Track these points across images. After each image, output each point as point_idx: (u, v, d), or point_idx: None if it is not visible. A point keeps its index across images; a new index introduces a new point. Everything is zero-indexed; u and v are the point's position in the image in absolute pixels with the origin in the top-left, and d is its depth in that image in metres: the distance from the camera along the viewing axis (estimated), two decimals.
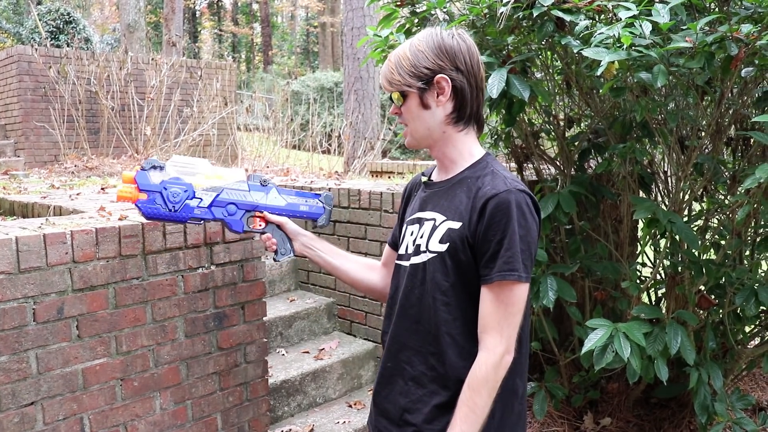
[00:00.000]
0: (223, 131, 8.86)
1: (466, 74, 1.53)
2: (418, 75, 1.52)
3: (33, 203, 3.21)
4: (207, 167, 1.81)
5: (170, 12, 14.93)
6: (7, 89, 8.13)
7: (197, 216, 1.77)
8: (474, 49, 1.56)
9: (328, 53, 32.81)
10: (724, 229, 3.16)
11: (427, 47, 1.53)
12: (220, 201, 1.79)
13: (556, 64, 3.29)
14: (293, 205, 1.90)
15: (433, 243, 1.54)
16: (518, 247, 1.42)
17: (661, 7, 2.24)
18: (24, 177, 5.84)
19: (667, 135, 2.97)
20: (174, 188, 1.72)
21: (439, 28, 1.57)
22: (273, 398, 3.08)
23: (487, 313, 1.46)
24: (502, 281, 1.43)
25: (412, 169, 6.66)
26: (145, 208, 1.70)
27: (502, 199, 1.44)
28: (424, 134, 1.58)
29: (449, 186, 1.58)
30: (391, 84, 1.57)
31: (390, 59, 1.58)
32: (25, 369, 2.04)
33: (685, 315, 2.82)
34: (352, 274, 1.87)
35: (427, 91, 1.53)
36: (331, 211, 1.99)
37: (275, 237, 1.86)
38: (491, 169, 1.54)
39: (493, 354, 1.44)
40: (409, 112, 1.57)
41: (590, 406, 3.57)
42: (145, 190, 1.70)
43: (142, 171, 1.71)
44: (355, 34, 10.08)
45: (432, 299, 1.54)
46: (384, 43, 3.25)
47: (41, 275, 2.05)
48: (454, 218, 1.52)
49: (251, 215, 1.84)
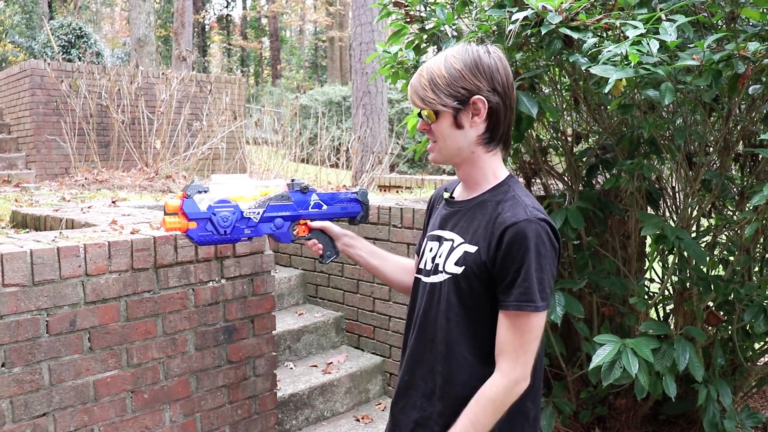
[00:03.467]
0: (232, 145, 8.92)
1: (502, 95, 1.50)
2: (454, 95, 1.48)
3: (45, 216, 3.25)
4: (249, 183, 1.77)
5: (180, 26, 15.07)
6: (20, 103, 8.21)
7: (247, 235, 1.74)
8: (508, 67, 1.53)
9: (336, 67, 32.97)
10: (732, 245, 3.16)
11: (464, 66, 1.48)
12: (267, 217, 1.77)
13: (564, 80, 3.32)
14: (333, 207, 1.90)
15: (449, 264, 1.54)
16: (535, 278, 1.41)
17: (668, 25, 2.26)
18: (35, 189, 5.90)
19: (674, 151, 2.98)
20: (222, 212, 1.66)
21: (474, 45, 1.52)
22: (281, 412, 3.08)
23: (503, 339, 1.46)
24: (518, 311, 1.43)
25: (420, 183, 6.68)
26: (198, 237, 1.64)
27: (521, 228, 1.42)
28: (453, 153, 1.55)
29: (469, 207, 1.57)
30: (425, 102, 1.52)
31: (422, 75, 1.53)
32: (38, 380, 2.06)
33: (694, 331, 2.81)
34: (389, 275, 1.88)
35: (461, 111, 1.49)
36: (369, 206, 1.98)
37: (320, 241, 1.86)
38: (512, 194, 1.51)
39: (507, 378, 1.44)
40: (440, 131, 1.53)
41: (598, 422, 3.56)
42: (194, 219, 1.63)
43: (188, 199, 1.63)
44: (363, 49, 10.15)
45: (446, 319, 1.54)
46: (393, 60, 3.28)
47: (54, 288, 2.07)
48: (470, 242, 1.51)
49: (296, 224, 1.84)
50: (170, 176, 7.04)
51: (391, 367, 3.59)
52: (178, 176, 7.14)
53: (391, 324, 3.56)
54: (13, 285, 1.98)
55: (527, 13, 2.50)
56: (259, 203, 1.75)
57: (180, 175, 7.20)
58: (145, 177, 6.98)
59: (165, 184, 6.53)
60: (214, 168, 8.58)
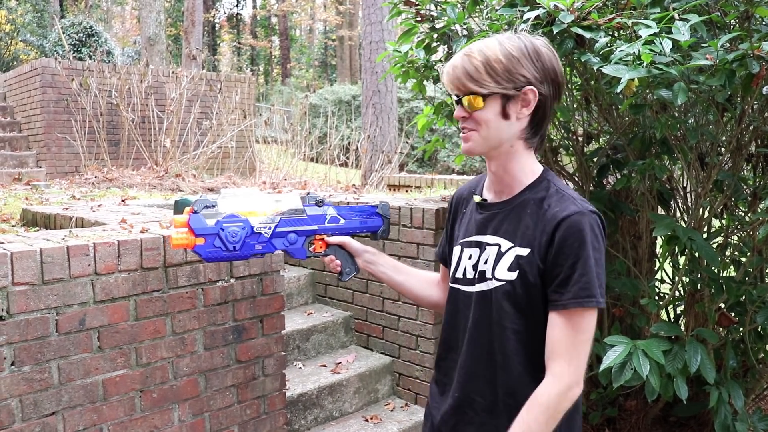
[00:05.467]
0: (241, 144, 8.93)
1: (552, 89, 1.44)
2: (512, 80, 1.40)
3: (55, 214, 3.26)
4: (261, 197, 1.72)
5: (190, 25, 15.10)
6: (31, 101, 8.25)
7: (258, 251, 1.68)
8: (560, 63, 1.46)
9: (346, 66, 32.99)
10: (744, 246, 3.14)
11: (522, 54, 1.40)
12: (279, 232, 1.70)
13: (575, 79, 3.30)
14: (351, 222, 1.83)
15: (500, 271, 1.46)
16: (594, 272, 1.35)
17: (681, 24, 2.24)
18: (45, 188, 5.93)
19: (686, 151, 2.95)
20: (231, 227, 1.61)
21: (526, 35, 1.45)
22: (290, 411, 3.08)
23: (556, 340, 1.38)
24: (577, 308, 1.36)
25: (429, 183, 6.66)
26: (205, 253, 1.59)
27: (575, 221, 1.37)
28: (494, 144, 1.46)
29: (511, 209, 1.49)
30: (479, 84, 1.41)
31: (473, 56, 1.42)
32: (47, 379, 2.07)
33: (705, 333, 2.79)
34: (415, 291, 1.79)
35: (511, 101, 1.41)
36: (390, 221, 1.90)
37: (338, 258, 1.78)
38: (555, 188, 1.46)
39: (560, 382, 1.36)
40: (485, 119, 1.43)
41: (608, 423, 3.54)
42: (201, 234, 1.59)
43: (194, 214, 1.59)
44: (373, 48, 10.14)
45: (502, 328, 1.46)
46: (403, 59, 3.27)
47: (64, 287, 2.07)
48: (522, 244, 1.43)
49: (312, 239, 1.77)
50: (180, 175, 7.06)
51: (400, 368, 3.59)
52: (188, 175, 7.15)
53: (400, 324, 3.56)
54: (23, 284, 1.99)
55: (539, 12, 2.49)
56: (271, 218, 1.69)
57: (189, 174, 7.22)
58: (154, 175, 7.00)
59: (174, 183, 6.54)
60: (224, 167, 8.59)
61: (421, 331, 3.44)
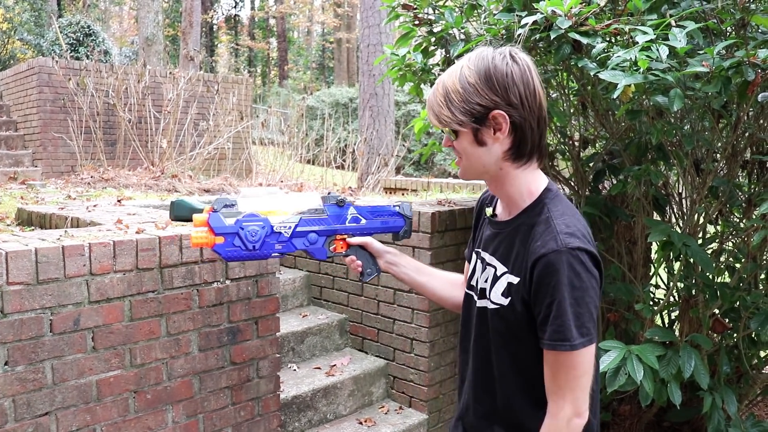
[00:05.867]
0: (238, 145, 8.92)
1: (521, 107, 1.37)
2: (470, 112, 1.38)
3: (51, 214, 3.25)
4: (281, 196, 1.72)
5: (188, 26, 15.10)
6: (27, 100, 8.23)
7: (279, 251, 1.67)
8: (530, 74, 1.39)
9: (343, 69, 33.01)
10: (739, 252, 3.15)
11: (479, 79, 1.36)
12: (299, 232, 1.69)
13: (572, 84, 3.31)
14: (372, 222, 1.81)
15: (495, 294, 1.47)
16: (570, 313, 1.31)
17: (678, 31, 2.25)
18: (41, 187, 5.91)
19: (682, 157, 2.96)
20: (251, 226, 1.60)
21: (491, 51, 1.40)
22: (284, 414, 3.08)
23: (548, 378, 1.39)
24: (553, 351, 1.35)
25: (425, 186, 6.67)
26: (224, 252, 1.58)
27: (550, 260, 1.32)
28: (480, 170, 1.46)
29: (508, 232, 1.48)
30: (440, 121, 1.43)
31: (437, 90, 1.43)
32: (41, 379, 2.06)
33: (699, 338, 2.80)
34: (438, 292, 1.79)
35: (481, 129, 1.39)
36: (411, 221, 1.87)
37: (359, 258, 1.77)
38: (546, 215, 1.41)
39: (556, 420, 1.37)
40: (463, 149, 1.44)
41: (602, 428, 3.54)
42: (221, 233, 1.57)
43: (214, 213, 1.58)
44: (371, 51, 10.15)
45: (497, 347, 1.49)
46: (401, 62, 3.28)
47: (59, 287, 2.07)
48: (512, 272, 1.43)
49: (333, 239, 1.75)
50: (176, 176, 7.05)
51: (394, 371, 3.58)
52: (184, 176, 7.14)
53: (395, 327, 3.56)
54: (18, 283, 1.98)
55: (536, 17, 2.50)
56: (291, 218, 1.68)
57: (186, 175, 7.21)
58: (150, 176, 6.98)
59: (171, 184, 6.53)
60: (220, 168, 8.59)
61: (416, 335, 3.44)
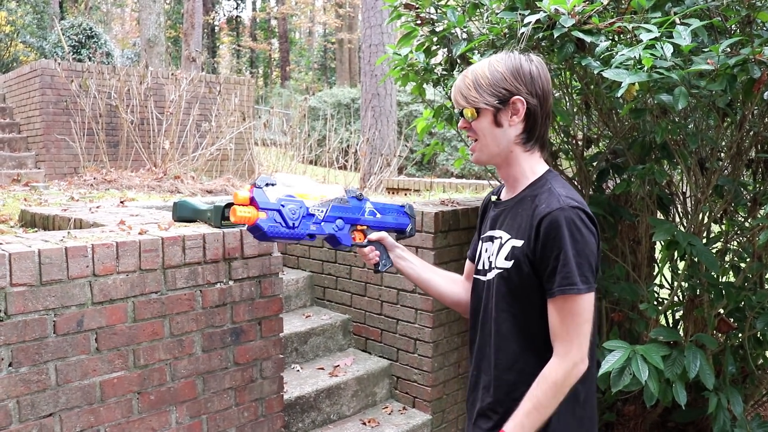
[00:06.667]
0: (240, 146, 8.92)
1: (539, 99, 1.62)
2: (496, 94, 1.61)
3: (54, 215, 3.25)
4: (311, 183, 1.79)
5: (190, 27, 15.10)
6: (30, 102, 8.24)
7: (312, 232, 1.74)
8: (548, 75, 1.65)
9: (345, 69, 33.00)
10: (744, 251, 3.13)
11: (506, 69, 1.61)
12: (330, 216, 1.79)
13: (575, 83, 3.30)
14: (386, 217, 1.94)
15: (499, 260, 1.65)
16: (574, 262, 1.50)
17: (682, 29, 2.24)
18: (44, 189, 5.91)
19: (686, 156, 2.95)
20: (291, 205, 1.67)
21: (517, 53, 1.65)
22: (287, 414, 3.07)
23: (555, 325, 1.55)
24: (563, 296, 1.51)
25: (428, 186, 6.66)
26: (268, 228, 1.61)
27: (554, 217, 1.52)
28: (494, 151, 1.67)
29: (512, 205, 1.69)
30: (467, 100, 1.65)
31: (466, 76, 1.66)
32: (45, 380, 2.06)
33: (704, 338, 2.79)
34: (440, 289, 1.93)
35: (501, 111, 1.62)
36: (415, 221, 2.00)
37: (377, 249, 1.90)
38: (548, 186, 1.62)
39: (565, 360, 1.52)
40: (481, 129, 1.65)
41: (606, 428, 3.53)
42: (264, 208, 1.62)
43: (258, 188, 1.62)
44: (372, 51, 10.14)
45: (499, 311, 1.65)
46: (403, 62, 3.27)
47: (62, 288, 2.07)
48: (517, 236, 1.62)
49: (354, 229, 1.87)
50: (179, 177, 7.04)
51: (398, 371, 3.58)
52: (187, 177, 7.14)
53: (398, 327, 3.55)
54: (21, 285, 1.98)
55: (539, 16, 2.48)
56: (323, 203, 1.77)
57: (188, 176, 7.20)
58: (153, 177, 6.97)
59: (173, 185, 6.52)
60: (223, 169, 8.58)
61: (419, 335, 3.44)
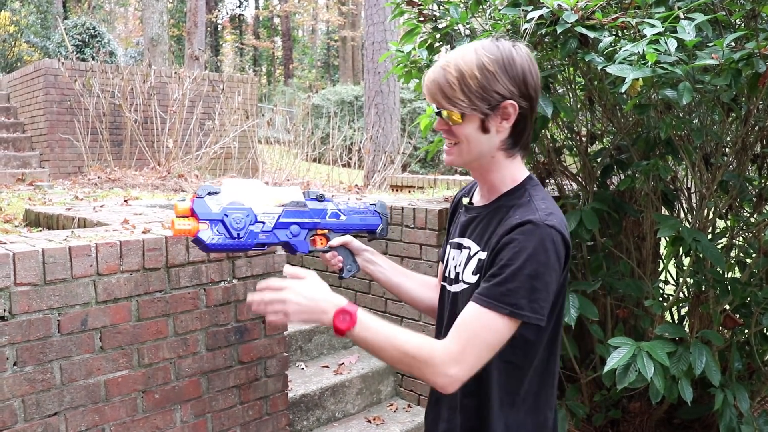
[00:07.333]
0: (244, 144, 8.93)
1: (531, 101, 1.40)
2: (487, 99, 1.36)
3: (58, 215, 3.25)
4: (262, 188, 1.67)
5: (193, 26, 15.12)
6: (34, 102, 8.26)
7: (262, 241, 1.62)
8: (537, 68, 1.42)
9: (348, 67, 33.00)
10: (749, 247, 3.12)
11: (498, 68, 1.35)
12: (282, 222, 1.65)
13: (579, 79, 3.28)
14: (351, 218, 1.79)
15: (467, 274, 1.46)
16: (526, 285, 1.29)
17: (686, 23, 2.23)
18: (48, 188, 5.92)
19: (691, 152, 2.94)
20: (235, 214, 1.55)
21: (504, 42, 1.39)
22: (292, 412, 3.07)
23: (461, 321, 1.35)
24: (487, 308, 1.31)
25: (432, 183, 6.65)
26: (209, 240, 1.51)
27: (525, 229, 1.31)
28: (474, 157, 1.44)
29: (486, 213, 1.48)
30: (451, 102, 1.38)
31: (449, 71, 1.38)
32: (49, 380, 2.06)
33: (710, 334, 2.78)
34: (413, 294, 1.78)
35: (491, 115, 1.38)
36: (388, 219, 1.86)
37: (340, 254, 1.76)
38: (527, 198, 1.41)
39: (443, 353, 1.33)
40: (464, 134, 1.41)
41: (611, 425, 3.52)
42: (205, 219, 1.51)
43: (198, 199, 1.52)
44: (375, 49, 10.13)
45: None
46: (406, 59, 3.26)
47: (66, 287, 2.07)
48: (484, 249, 1.43)
49: (314, 234, 1.73)
50: (182, 175, 7.05)
51: None
52: (191, 175, 7.15)
53: (402, 325, 3.53)
54: (25, 284, 1.98)
55: (542, 11, 2.47)
56: (274, 209, 1.64)
57: (192, 174, 7.21)
58: (157, 176, 6.99)
59: (177, 183, 6.53)
60: (226, 167, 8.59)
61: (423, 333, 3.43)
